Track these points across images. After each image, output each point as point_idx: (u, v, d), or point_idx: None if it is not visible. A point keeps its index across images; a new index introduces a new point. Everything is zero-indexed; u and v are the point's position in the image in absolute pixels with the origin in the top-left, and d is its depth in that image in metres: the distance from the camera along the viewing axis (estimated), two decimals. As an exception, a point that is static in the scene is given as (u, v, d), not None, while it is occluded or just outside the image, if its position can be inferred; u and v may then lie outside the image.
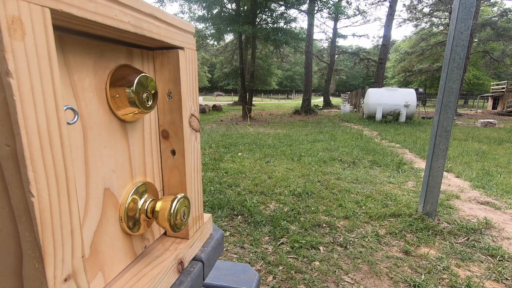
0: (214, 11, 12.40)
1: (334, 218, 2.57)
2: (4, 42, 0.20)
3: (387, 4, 17.73)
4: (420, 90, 17.86)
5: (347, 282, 1.75)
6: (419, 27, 25.37)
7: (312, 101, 17.50)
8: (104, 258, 0.36)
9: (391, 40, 20.65)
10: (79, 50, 0.31)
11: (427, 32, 24.82)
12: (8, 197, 0.23)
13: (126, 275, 0.39)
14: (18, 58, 0.21)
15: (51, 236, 0.25)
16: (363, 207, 2.79)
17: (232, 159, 4.65)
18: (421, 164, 4.57)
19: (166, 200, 0.40)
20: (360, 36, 26.82)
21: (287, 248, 2.11)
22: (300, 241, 2.17)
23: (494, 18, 20.56)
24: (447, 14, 21.37)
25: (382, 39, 17.54)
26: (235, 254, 2.03)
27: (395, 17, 17.69)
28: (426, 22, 24.22)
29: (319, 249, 2.10)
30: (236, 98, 31.20)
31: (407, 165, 4.43)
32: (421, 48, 24.82)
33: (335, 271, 1.84)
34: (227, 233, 2.32)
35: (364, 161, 4.61)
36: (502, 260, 1.99)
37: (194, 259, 0.50)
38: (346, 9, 19.53)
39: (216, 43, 19.37)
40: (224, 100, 33.31)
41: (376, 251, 2.08)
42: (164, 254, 0.44)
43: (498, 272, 1.86)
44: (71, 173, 0.27)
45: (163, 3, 13.29)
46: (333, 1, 13.38)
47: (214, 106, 17.33)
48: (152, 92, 0.39)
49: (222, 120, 11.80)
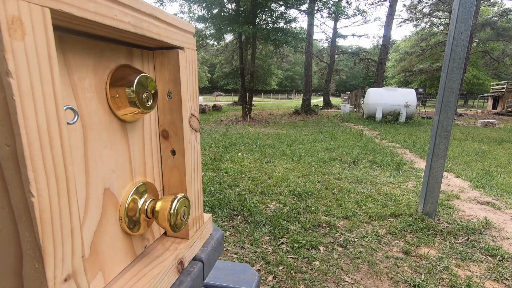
0: (214, 11, 12.40)
1: (334, 218, 2.57)
2: (4, 42, 0.20)
3: (387, 4, 17.74)
4: (420, 90, 17.85)
5: (347, 282, 1.75)
6: (419, 27, 25.37)
7: (312, 101, 17.50)
8: (104, 258, 0.36)
9: (391, 40, 20.65)
10: (79, 50, 0.31)
11: (427, 32, 24.82)
12: (8, 197, 0.23)
13: (126, 275, 0.39)
14: (18, 58, 0.21)
15: (51, 236, 0.25)
16: (363, 207, 2.79)
17: (232, 159, 4.65)
18: (421, 164, 4.57)
19: (166, 200, 0.40)
20: (360, 36, 26.82)
21: (287, 248, 2.11)
22: (300, 241, 2.17)
23: (494, 18, 20.56)
24: (447, 14, 21.38)
25: (382, 39, 17.55)
26: (235, 254, 2.03)
27: (395, 17, 17.70)
28: (426, 22, 24.23)
29: (319, 249, 2.10)
30: (236, 98, 31.20)
31: (407, 165, 4.43)
32: (421, 48, 24.81)
33: (335, 271, 1.84)
34: (227, 233, 2.32)
35: (364, 161, 4.61)
36: (502, 260, 1.99)
37: (194, 259, 0.50)
38: (346, 9, 19.52)
39: (216, 43, 19.35)
40: (224, 100, 33.30)
41: (376, 251, 2.08)
42: (164, 254, 0.44)
43: (498, 272, 1.86)
44: (71, 173, 0.27)
45: (163, 3, 13.31)
46: (333, 1, 13.39)
47: (214, 106, 17.33)
48: (152, 92, 0.39)
49: (222, 120, 11.80)
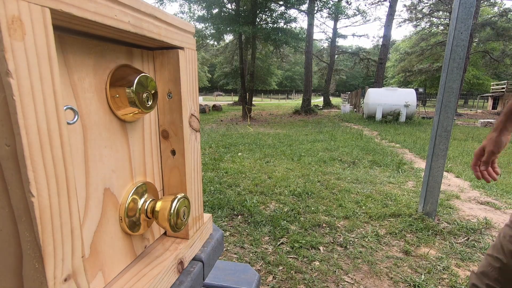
0: (214, 11, 12.40)
1: (334, 218, 2.57)
2: (4, 42, 0.20)
3: (387, 4, 17.74)
4: (420, 90, 17.84)
5: (347, 282, 1.75)
6: (419, 27, 25.38)
7: (312, 101, 17.50)
8: (104, 258, 0.36)
9: (391, 40, 20.65)
10: (79, 50, 0.31)
11: (427, 32, 24.82)
12: (8, 197, 0.23)
13: (126, 275, 0.39)
14: (18, 58, 0.21)
15: (51, 236, 0.25)
16: (363, 207, 2.79)
17: (232, 159, 4.65)
18: (421, 164, 4.57)
19: (166, 200, 0.40)
20: (360, 36, 26.83)
21: (287, 248, 2.11)
22: (300, 241, 2.17)
23: (494, 18, 20.55)
24: (447, 14, 21.38)
25: (382, 39, 17.55)
26: (235, 254, 2.03)
27: (395, 17, 17.70)
28: (426, 22, 24.23)
29: (319, 249, 2.10)
30: (236, 98, 31.18)
31: (407, 165, 4.43)
32: (421, 48, 24.81)
33: (335, 271, 1.84)
34: (227, 233, 2.32)
35: (364, 161, 4.61)
36: (502, 260, 1.99)
37: (194, 259, 0.50)
38: (346, 9, 19.52)
39: (216, 43, 19.35)
40: (224, 100, 33.29)
41: (376, 251, 2.08)
42: (164, 254, 0.44)
43: (498, 272, 1.86)
44: (71, 173, 0.27)
45: (163, 3, 13.31)
46: (333, 1, 13.39)
47: (214, 106, 17.33)
48: (152, 92, 0.39)
49: (222, 120, 11.80)
